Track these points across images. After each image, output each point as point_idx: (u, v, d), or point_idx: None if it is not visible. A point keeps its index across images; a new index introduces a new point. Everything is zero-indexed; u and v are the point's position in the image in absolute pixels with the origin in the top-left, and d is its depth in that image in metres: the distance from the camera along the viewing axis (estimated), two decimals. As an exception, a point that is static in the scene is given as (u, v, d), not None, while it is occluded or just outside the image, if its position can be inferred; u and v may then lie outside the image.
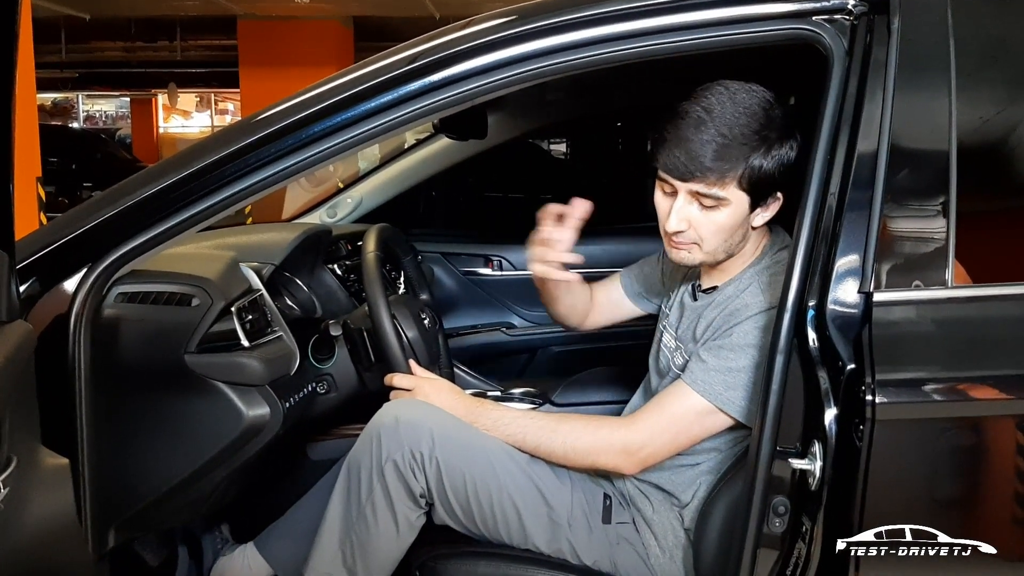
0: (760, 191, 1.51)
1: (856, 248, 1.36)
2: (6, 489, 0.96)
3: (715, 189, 1.48)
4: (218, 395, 1.54)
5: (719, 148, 1.46)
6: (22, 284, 1.40)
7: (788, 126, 1.51)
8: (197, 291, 1.53)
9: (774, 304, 1.48)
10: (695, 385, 1.54)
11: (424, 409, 1.67)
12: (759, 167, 1.48)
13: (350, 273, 2.15)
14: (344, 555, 1.63)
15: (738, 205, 1.51)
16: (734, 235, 1.55)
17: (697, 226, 1.53)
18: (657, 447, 1.58)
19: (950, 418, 1.32)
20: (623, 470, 1.60)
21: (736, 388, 1.52)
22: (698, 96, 1.51)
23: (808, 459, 1.35)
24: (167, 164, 1.49)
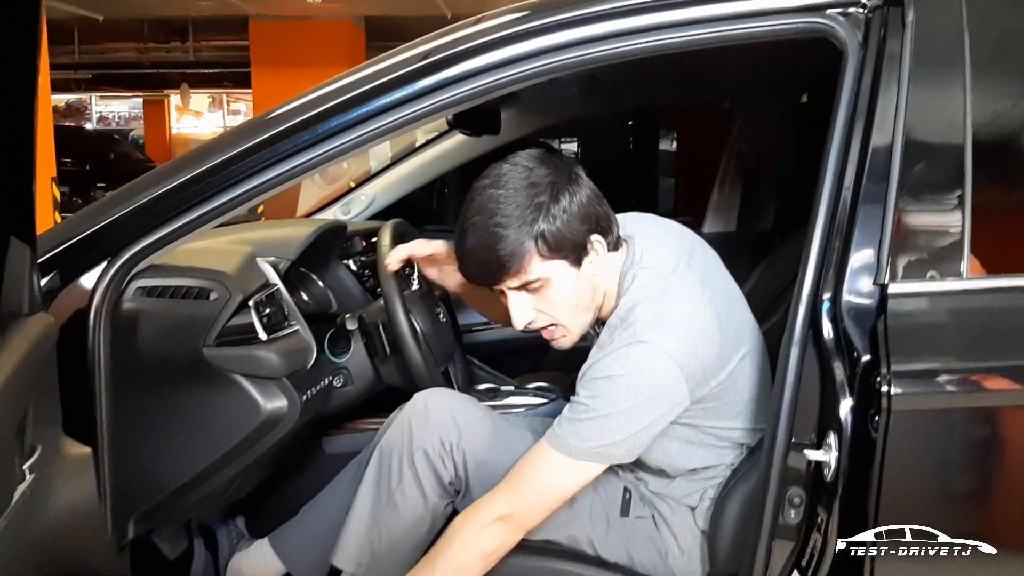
0: (569, 250, 1.46)
1: (871, 240, 1.37)
2: (31, 475, 0.97)
3: (523, 277, 1.46)
4: (236, 388, 1.56)
5: (502, 244, 1.42)
6: (43, 278, 1.41)
7: (557, 177, 1.46)
8: (215, 285, 1.55)
9: (620, 339, 1.46)
10: (552, 441, 1.50)
11: (452, 399, 1.70)
12: (548, 232, 1.43)
13: (365, 269, 2.16)
14: (372, 541, 1.66)
15: (559, 273, 1.47)
16: (581, 297, 1.51)
17: (541, 309, 1.51)
18: (523, 506, 1.52)
19: (966, 408, 1.32)
20: (509, 536, 1.53)
21: (586, 437, 1.47)
22: (470, 202, 1.47)
23: (823, 450, 1.35)
24: (184, 160, 1.51)
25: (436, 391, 1.73)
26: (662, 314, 1.48)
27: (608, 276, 1.54)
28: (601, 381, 1.47)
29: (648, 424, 1.48)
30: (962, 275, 1.34)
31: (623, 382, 1.45)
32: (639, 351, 1.45)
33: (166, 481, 1.58)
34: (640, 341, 1.45)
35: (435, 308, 1.92)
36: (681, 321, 1.48)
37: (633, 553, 1.66)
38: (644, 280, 1.52)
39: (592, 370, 1.49)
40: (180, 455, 1.58)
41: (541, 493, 1.52)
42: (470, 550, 1.53)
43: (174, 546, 1.90)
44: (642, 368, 1.44)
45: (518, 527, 1.53)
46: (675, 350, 1.45)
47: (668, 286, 1.51)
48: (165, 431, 1.57)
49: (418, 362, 1.79)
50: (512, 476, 1.54)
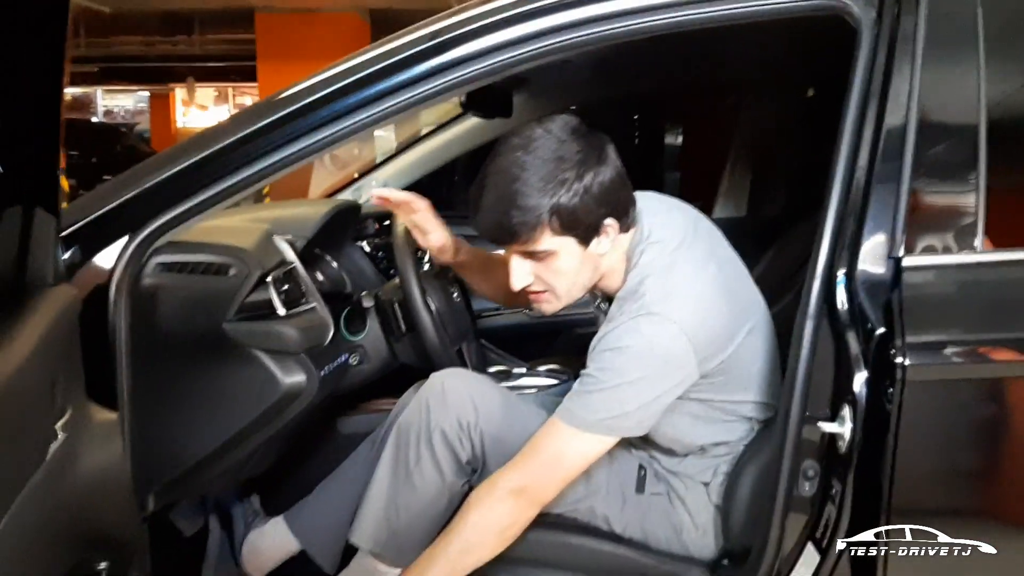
0: (581, 228, 1.47)
1: (886, 215, 1.38)
2: (63, 435, 0.99)
3: (532, 246, 1.47)
4: (256, 362, 1.58)
5: (518, 211, 1.43)
6: (64, 252, 1.43)
7: (587, 154, 1.46)
8: (234, 261, 1.56)
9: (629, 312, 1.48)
10: (562, 415, 1.52)
11: (469, 379, 1.72)
12: (565, 208, 1.44)
13: (378, 251, 2.18)
14: (390, 519, 1.67)
15: (566, 249, 1.48)
16: (580, 274, 1.53)
17: (540, 276, 1.52)
18: (537, 480, 1.53)
19: (980, 379, 1.33)
20: (523, 512, 1.54)
21: (595, 409, 1.49)
22: (495, 158, 1.48)
23: (838, 423, 1.37)
24: (204, 137, 1.52)
25: (453, 371, 1.74)
26: (671, 287, 1.50)
27: (614, 255, 1.56)
28: (610, 353, 1.48)
29: (658, 396, 1.49)
30: (976, 248, 1.35)
31: (632, 353, 1.47)
32: (648, 323, 1.47)
33: (186, 455, 1.59)
34: (650, 313, 1.47)
35: (449, 288, 1.94)
36: (690, 294, 1.50)
37: (648, 529, 1.68)
38: (653, 254, 1.53)
39: (601, 343, 1.50)
40: (200, 429, 1.59)
41: (552, 466, 1.54)
42: (485, 526, 1.55)
43: (191, 523, 1.92)
44: (651, 339, 1.46)
45: (531, 502, 1.54)
46: (684, 322, 1.47)
47: (676, 260, 1.53)
48: (185, 405, 1.59)
49: (433, 340, 1.80)
50: (524, 451, 1.55)
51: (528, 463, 1.54)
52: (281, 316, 1.59)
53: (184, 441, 1.59)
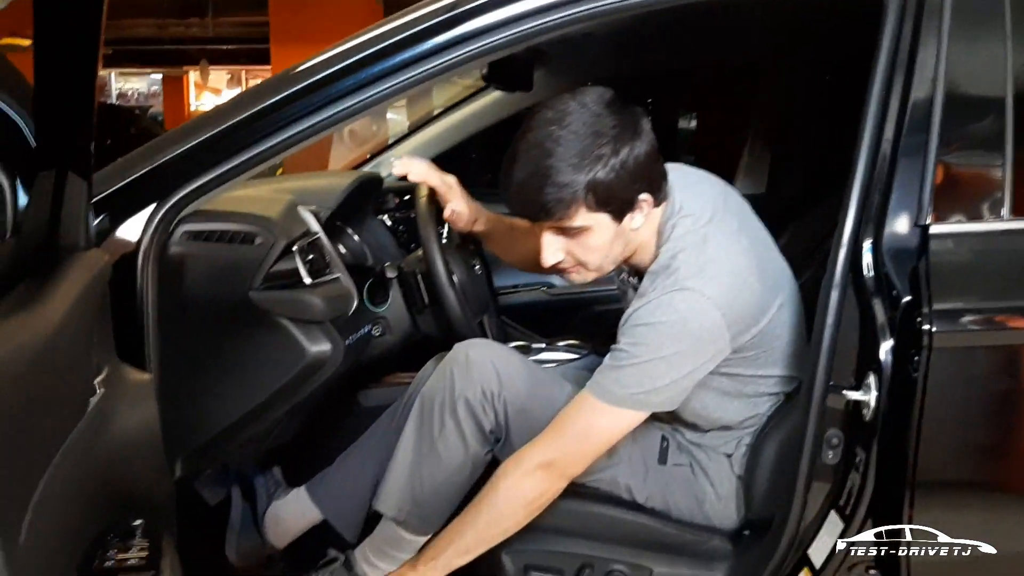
0: (616, 204, 1.45)
1: (912, 184, 1.39)
2: (101, 391, 1.00)
3: (567, 222, 1.45)
4: (282, 331, 1.59)
5: (553, 188, 1.41)
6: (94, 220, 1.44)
7: (623, 128, 1.44)
8: (260, 230, 1.57)
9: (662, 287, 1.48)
10: (593, 389, 1.52)
11: (492, 349, 1.72)
12: (602, 184, 1.42)
13: (399, 224, 2.18)
14: (414, 487, 1.68)
15: (600, 225, 1.47)
16: (613, 248, 1.51)
17: (571, 252, 1.51)
18: (566, 454, 1.54)
19: (1007, 346, 1.33)
20: (552, 484, 1.55)
21: (626, 384, 1.49)
22: (527, 132, 1.45)
23: (863, 391, 1.37)
24: (230, 106, 1.53)
25: (476, 341, 1.75)
26: (704, 261, 1.49)
27: (647, 229, 1.55)
28: (642, 328, 1.48)
29: (689, 371, 1.49)
30: (1004, 216, 1.35)
31: (665, 328, 1.46)
32: (682, 297, 1.46)
33: (213, 422, 1.61)
34: (683, 288, 1.46)
35: (471, 260, 1.94)
36: (723, 268, 1.49)
37: (670, 499, 1.68)
38: (685, 228, 1.53)
39: (633, 317, 1.50)
40: (227, 397, 1.61)
41: (582, 440, 1.54)
42: (513, 498, 1.56)
43: (214, 493, 1.94)
44: (685, 315, 1.46)
45: (560, 475, 1.55)
46: (718, 297, 1.46)
47: (709, 234, 1.52)
48: (212, 373, 1.60)
49: (456, 312, 1.81)
50: (554, 424, 1.56)
51: (557, 437, 1.55)
52: (307, 285, 1.60)
53: (211, 408, 1.60)
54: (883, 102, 1.40)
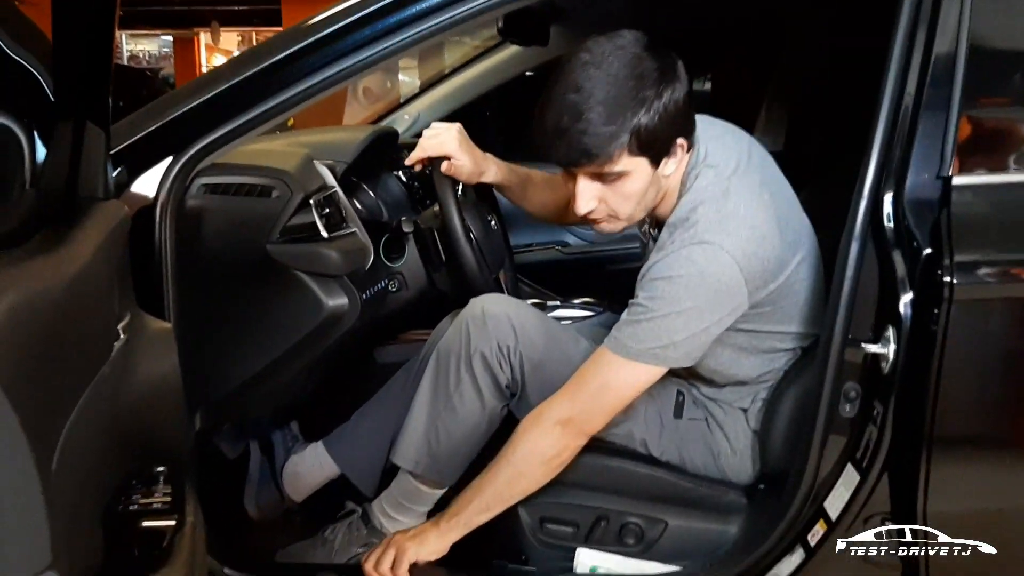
0: (656, 149, 1.44)
1: (935, 136, 1.38)
2: (124, 336, 1.01)
3: (608, 167, 1.43)
4: (299, 285, 1.59)
5: (595, 131, 1.39)
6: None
7: (664, 71, 1.41)
8: (277, 183, 1.57)
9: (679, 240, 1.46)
10: (610, 344, 1.52)
11: (508, 303, 1.72)
12: (645, 128, 1.40)
13: (414, 180, 2.17)
14: (430, 443, 1.69)
15: (639, 170, 1.44)
16: (647, 196, 1.49)
17: (606, 200, 1.48)
18: (586, 411, 1.54)
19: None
20: (571, 441, 1.56)
21: (643, 339, 1.48)
22: (564, 75, 1.42)
23: (881, 344, 1.37)
24: (246, 58, 1.52)
25: (493, 296, 1.75)
26: (724, 215, 1.47)
27: (674, 177, 1.53)
28: (660, 282, 1.47)
29: (707, 326, 1.48)
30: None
31: (683, 282, 1.45)
32: (701, 251, 1.45)
33: (232, 375, 1.62)
34: (702, 241, 1.45)
35: (487, 215, 1.93)
36: (743, 222, 1.47)
37: (685, 453, 1.69)
38: (707, 179, 1.51)
39: (652, 271, 1.49)
40: (245, 350, 1.62)
41: (599, 396, 1.54)
42: (532, 456, 1.57)
43: (233, 448, 1.96)
44: (703, 268, 1.45)
45: (579, 432, 1.56)
46: (737, 251, 1.45)
47: (731, 187, 1.50)
48: (231, 326, 1.61)
49: (472, 269, 1.80)
50: (572, 381, 1.56)
51: (575, 393, 1.55)
52: (324, 239, 1.59)
53: (230, 361, 1.61)
54: (906, 55, 1.38)
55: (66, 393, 0.84)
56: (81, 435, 0.84)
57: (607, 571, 1.66)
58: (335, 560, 1.76)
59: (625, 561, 1.67)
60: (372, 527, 1.78)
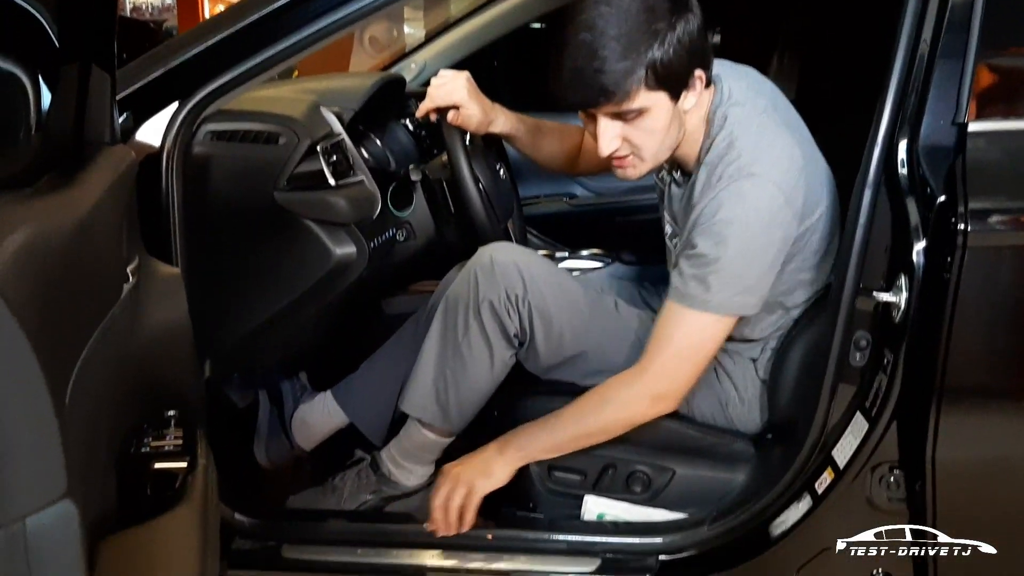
0: (674, 82, 1.42)
1: (951, 83, 1.36)
2: (134, 279, 1.01)
3: (627, 104, 1.41)
4: (307, 233, 1.58)
5: (611, 68, 1.37)
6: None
7: (676, 3, 1.40)
8: (284, 130, 1.55)
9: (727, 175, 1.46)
10: (684, 301, 1.50)
11: (517, 252, 1.71)
12: (660, 62, 1.38)
13: (422, 129, 2.15)
14: (438, 391, 1.69)
15: (659, 105, 1.43)
16: (670, 132, 1.48)
17: (629, 139, 1.47)
18: (681, 379, 1.55)
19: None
20: (667, 408, 1.58)
21: (719, 289, 1.47)
22: (575, 15, 1.40)
23: (893, 292, 1.36)
24: (251, 3, 1.50)
25: (501, 245, 1.74)
26: (764, 146, 1.47)
27: (696, 115, 1.52)
28: (719, 225, 1.46)
29: (770, 262, 1.49)
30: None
31: (741, 222, 1.45)
32: (751, 185, 1.44)
33: (241, 323, 1.62)
34: (750, 175, 1.45)
35: (495, 164, 1.92)
36: (783, 153, 1.48)
37: (693, 404, 1.69)
38: (738, 116, 1.50)
39: (704, 215, 1.48)
40: (254, 298, 1.61)
41: (688, 359, 1.54)
42: (621, 419, 1.58)
43: (242, 397, 1.97)
44: (756, 203, 1.44)
45: (672, 402, 1.57)
46: (782, 181, 1.45)
47: (765, 122, 1.50)
48: (239, 274, 1.60)
49: (482, 219, 1.79)
50: (657, 350, 1.54)
51: (670, 364, 1.54)
52: (331, 186, 1.58)
53: (239, 309, 1.61)
54: (922, 2, 1.36)
55: (78, 330, 0.84)
56: (93, 374, 0.85)
57: (614, 518, 1.68)
58: (344, 507, 1.78)
59: (632, 508, 1.68)
60: (381, 475, 1.79)
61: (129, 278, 1.01)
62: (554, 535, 1.64)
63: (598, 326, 1.68)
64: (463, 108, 1.77)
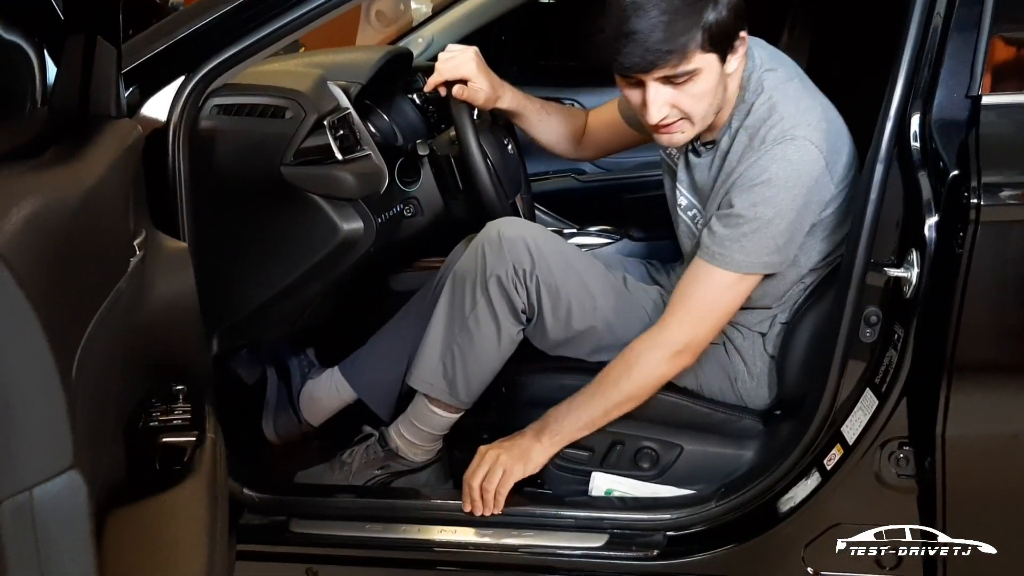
0: (725, 43, 1.42)
1: (964, 55, 1.34)
2: (140, 252, 1.00)
3: (678, 68, 1.40)
4: (314, 208, 1.58)
5: (669, 27, 1.36)
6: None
7: None
8: (290, 104, 1.54)
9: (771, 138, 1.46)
10: (715, 260, 1.51)
11: (524, 227, 1.70)
12: (715, 22, 1.38)
13: (429, 104, 2.13)
14: (445, 366, 1.69)
15: (710, 67, 1.43)
16: (716, 94, 1.48)
17: (678, 104, 1.46)
18: (700, 333, 1.55)
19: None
20: (684, 366, 1.59)
21: (752, 250, 1.48)
22: None
23: (904, 268, 1.35)
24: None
25: (509, 220, 1.73)
26: (804, 109, 1.48)
27: (735, 79, 1.52)
28: (760, 187, 1.46)
29: (804, 226, 1.51)
30: (1060, 87, 1.30)
31: (780, 183, 1.45)
32: (794, 148, 1.45)
33: (248, 298, 1.62)
34: (793, 137, 1.46)
35: (503, 139, 1.90)
36: (822, 117, 1.49)
37: (702, 378, 1.69)
38: (774, 81, 1.52)
39: (746, 176, 1.48)
40: (261, 273, 1.61)
41: (712, 315, 1.55)
42: (648, 382, 1.58)
43: (250, 373, 1.97)
44: (798, 166, 1.45)
45: (693, 354, 1.58)
46: (823, 144, 1.47)
47: (798, 88, 1.52)
48: (246, 249, 1.60)
49: (490, 195, 1.78)
50: (681, 304, 1.55)
51: (689, 317, 1.55)
52: (338, 161, 1.57)
53: (245, 285, 1.61)
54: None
55: (84, 303, 0.84)
56: (100, 347, 0.84)
57: (622, 494, 1.68)
58: (353, 482, 1.78)
59: (639, 484, 1.68)
60: (389, 450, 1.79)
61: (136, 252, 1.01)
62: (562, 511, 1.64)
63: (607, 302, 1.67)
64: (471, 82, 1.75)
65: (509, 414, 1.78)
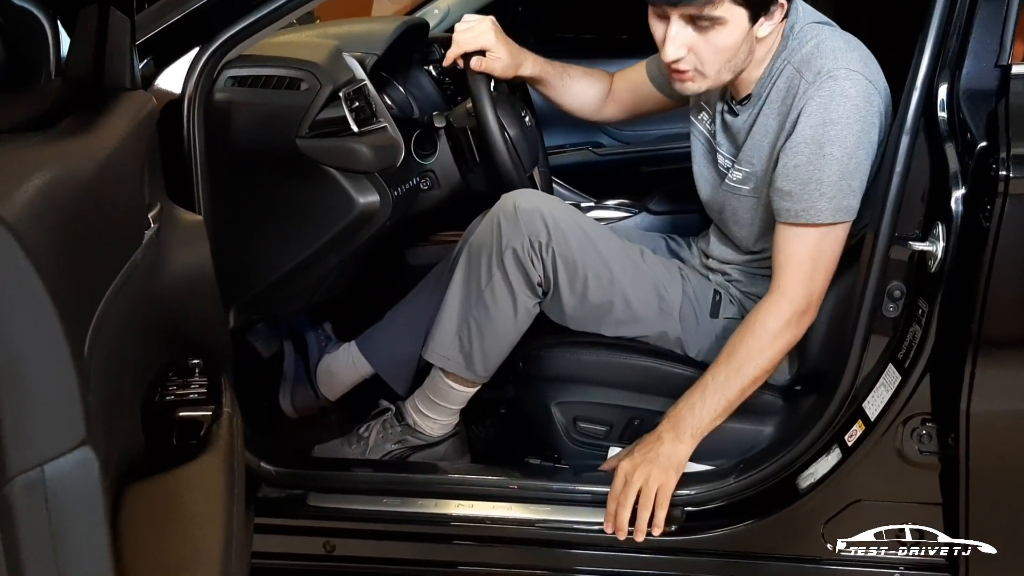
0: (758, 3, 1.40)
1: (994, 25, 1.31)
2: (155, 225, 1.00)
3: (707, 10, 1.38)
4: (330, 181, 1.56)
5: None
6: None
7: None
8: (306, 75, 1.53)
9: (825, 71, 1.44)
10: (799, 218, 1.48)
11: (541, 199, 1.68)
12: None
13: (445, 76, 2.11)
14: (461, 340, 1.68)
15: (736, 22, 1.41)
16: (737, 54, 1.46)
17: (696, 50, 1.44)
18: (816, 287, 1.52)
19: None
20: (810, 323, 1.55)
21: (832, 195, 1.46)
22: None
23: (929, 241, 1.33)
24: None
25: (525, 192, 1.71)
26: (854, 46, 1.49)
27: (764, 47, 1.51)
28: (821, 128, 1.44)
29: (869, 164, 1.47)
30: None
31: (844, 121, 1.43)
32: (850, 82, 1.44)
33: (265, 272, 1.61)
34: (846, 68, 1.44)
35: (521, 110, 1.88)
36: (869, 57, 1.49)
37: (721, 353, 1.67)
38: (821, 29, 1.51)
39: (804, 117, 1.45)
40: (277, 247, 1.60)
41: (819, 270, 1.52)
42: (778, 351, 1.54)
43: (268, 346, 1.97)
44: (856, 100, 1.43)
45: (816, 308, 1.54)
46: (874, 79, 1.46)
47: (847, 36, 1.51)
48: (263, 222, 1.59)
49: (508, 168, 1.76)
50: (787, 268, 1.53)
51: (800, 276, 1.52)
52: (354, 133, 1.56)
53: (262, 258, 1.60)
54: None
55: (97, 276, 0.83)
56: (114, 320, 0.84)
57: (640, 469, 1.66)
58: (370, 456, 1.78)
59: (658, 459, 1.67)
60: (406, 425, 1.79)
61: (151, 224, 1.00)
62: (579, 486, 1.63)
63: (624, 276, 1.65)
64: (491, 52, 1.73)
65: (526, 388, 1.77)
